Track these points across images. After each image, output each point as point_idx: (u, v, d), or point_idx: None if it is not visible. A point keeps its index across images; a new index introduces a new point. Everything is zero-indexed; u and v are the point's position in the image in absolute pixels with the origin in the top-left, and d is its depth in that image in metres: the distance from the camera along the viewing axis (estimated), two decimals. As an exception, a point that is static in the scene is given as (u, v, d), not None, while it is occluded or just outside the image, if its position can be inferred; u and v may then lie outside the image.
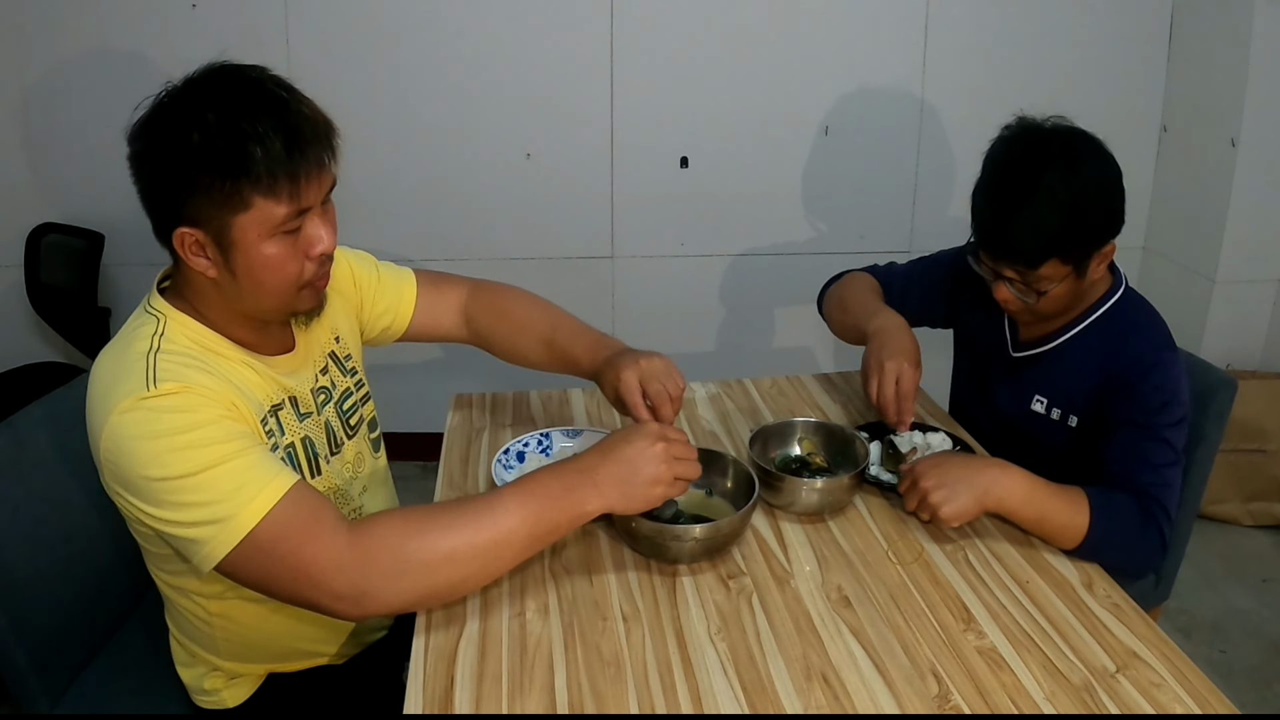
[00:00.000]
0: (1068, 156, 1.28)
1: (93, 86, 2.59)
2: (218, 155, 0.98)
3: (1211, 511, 2.64)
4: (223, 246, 1.03)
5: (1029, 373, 1.47)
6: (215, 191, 0.99)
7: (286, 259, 1.06)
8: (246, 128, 0.98)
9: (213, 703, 1.26)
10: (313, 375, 1.25)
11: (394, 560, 0.98)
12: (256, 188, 1.00)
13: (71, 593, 1.31)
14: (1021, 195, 1.27)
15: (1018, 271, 1.32)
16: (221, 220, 1.01)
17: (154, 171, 1.03)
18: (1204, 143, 2.65)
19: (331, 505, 1.02)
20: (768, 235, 2.86)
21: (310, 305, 1.14)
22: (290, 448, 1.17)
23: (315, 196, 1.05)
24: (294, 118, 1.01)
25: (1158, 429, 1.29)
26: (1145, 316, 1.38)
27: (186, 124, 0.99)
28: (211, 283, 1.08)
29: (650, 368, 1.27)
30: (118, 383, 1.00)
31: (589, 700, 1.00)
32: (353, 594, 0.98)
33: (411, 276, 1.46)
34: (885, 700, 1.00)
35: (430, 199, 2.74)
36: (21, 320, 2.73)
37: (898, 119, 2.77)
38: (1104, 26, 2.72)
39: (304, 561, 0.97)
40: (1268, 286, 2.67)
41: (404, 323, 1.45)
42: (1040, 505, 1.23)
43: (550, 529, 1.06)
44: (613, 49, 2.66)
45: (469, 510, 1.03)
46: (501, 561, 1.04)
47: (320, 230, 1.08)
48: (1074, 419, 1.41)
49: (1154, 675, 1.03)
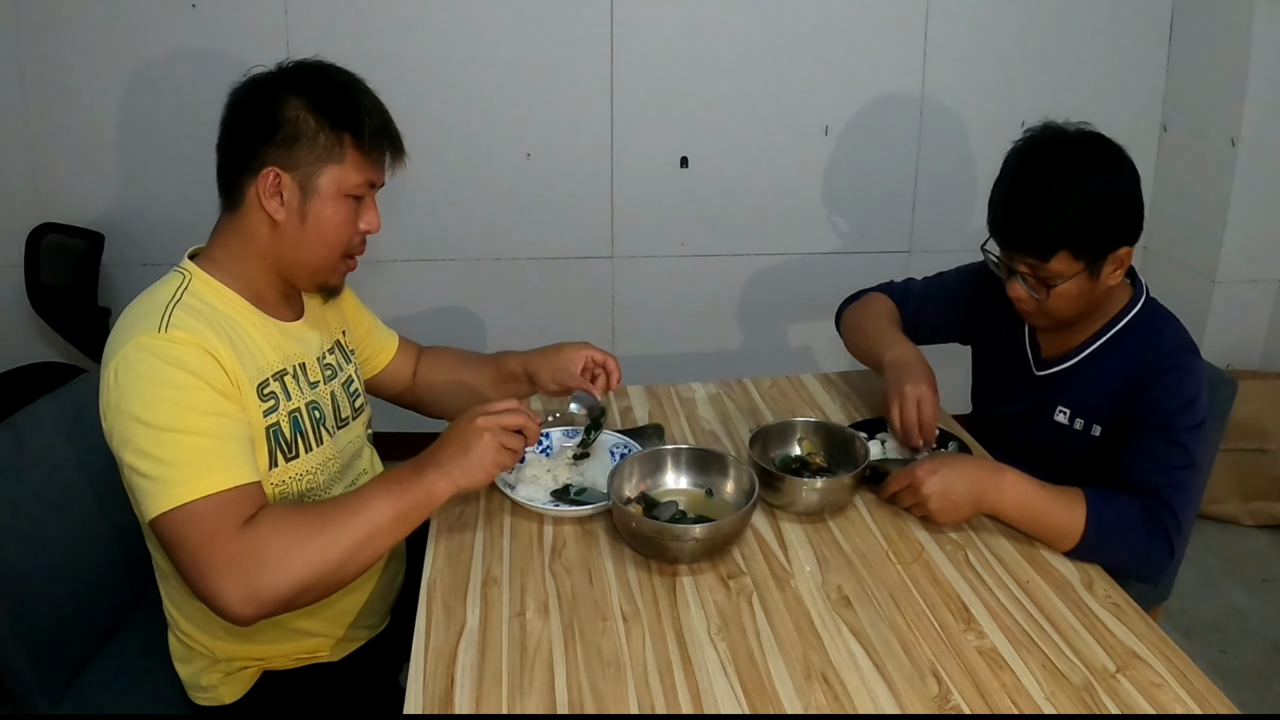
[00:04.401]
0: (1090, 156, 1.29)
1: (93, 86, 2.59)
2: (332, 110, 1.17)
3: (1211, 511, 2.64)
4: (305, 190, 1.17)
5: (1052, 387, 1.46)
6: (320, 139, 1.16)
7: (346, 221, 1.21)
8: (358, 100, 1.19)
9: (210, 699, 1.27)
10: (321, 348, 1.33)
11: (277, 559, 1.02)
12: (357, 146, 1.18)
13: (71, 593, 1.31)
14: (1040, 187, 1.28)
15: (1029, 265, 1.32)
16: (314, 167, 1.17)
17: (257, 116, 1.16)
18: (1204, 142, 2.65)
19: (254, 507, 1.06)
20: (768, 235, 2.86)
21: (339, 280, 1.29)
22: (296, 413, 1.22)
23: (382, 179, 1.24)
24: (386, 112, 1.24)
25: (1174, 431, 1.28)
26: (1165, 322, 1.39)
27: (302, 84, 1.17)
28: (269, 229, 1.19)
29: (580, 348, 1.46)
30: (135, 323, 1.10)
31: (589, 700, 1.00)
32: (240, 594, 1.01)
33: (396, 337, 1.60)
34: (885, 700, 1.00)
35: (430, 199, 2.74)
36: (21, 320, 2.72)
37: (898, 119, 2.77)
38: (1104, 26, 2.72)
39: (200, 557, 1.01)
40: (1268, 286, 2.67)
41: (378, 366, 1.55)
42: (1033, 508, 1.24)
43: (412, 512, 1.12)
44: (613, 49, 2.66)
45: (343, 507, 1.09)
46: (375, 546, 1.09)
47: (372, 209, 1.25)
48: (1097, 428, 1.40)
49: (1154, 675, 1.03)
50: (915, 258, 2.89)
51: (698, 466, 1.36)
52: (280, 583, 1.02)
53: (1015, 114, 2.41)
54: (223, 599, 1.00)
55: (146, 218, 2.66)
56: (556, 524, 1.32)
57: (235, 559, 1.01)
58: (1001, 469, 1.27)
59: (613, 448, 1.47)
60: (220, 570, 1.00)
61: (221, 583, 1.00)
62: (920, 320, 1.65)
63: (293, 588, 1.02)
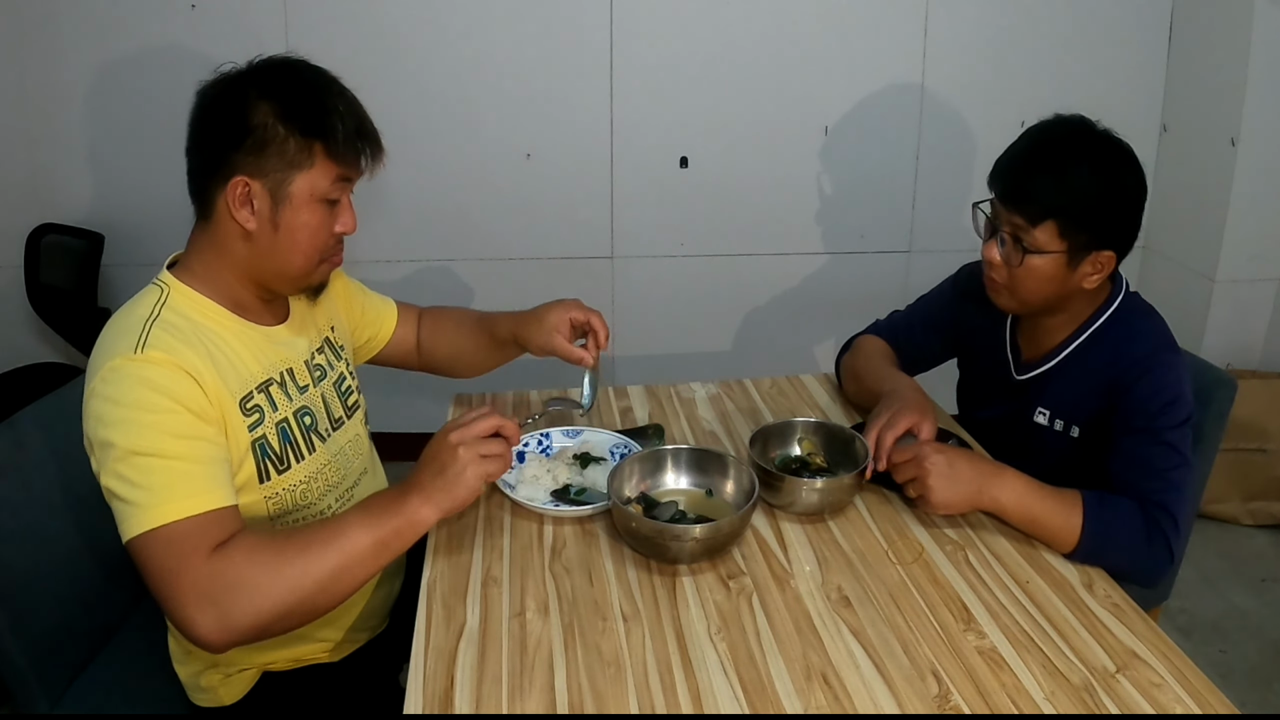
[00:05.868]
0: (1111, 151, 1.30)
1: (93, 87, 2.59)
2: (301, 115, 1.12)
3: (1211, 511, 2.64)
4: (276, 199, 1.14)
5: (1032, 390, 1.46)
6: (289, 146, 1.12)
7: (321, 226, 1.18)
8: (328, 103, 1.15)
9: (209, 700, 1.27)
10: (308, 350, 1.31)
11: (249, 589, 1.00)
12: (328, 152, 1.14)
13: (71, 593, 1.31)
14: (1053, 153, 1.29)
15: (1015, 225, 1.31)
16: (283, 174, 1.13)
17: (223, 122, 1.12)
18: (1204, 142, 2.65)
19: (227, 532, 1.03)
20: (767, 235, 2.86)
21: (320, 280, 1.25)
22: (284, 423, 1.20)
23: (357, 175, 1.20)
24: (362, 112, 1.20)
25: (1160, 432, 1.27)
26: (1144, 319, 1.37)
27: (270, 87, 1.12)
28: (242, 239, 1.16)
29: (565, 307, 1.45)
30: (113, 343, 1.09)
31: (589, 700, 1.00)
32: (211, 622, 0.99)
33: (393, 302, 1.58)
34: (885, 700, 1.00)
35: (430, 199, 2.74)
36: (21, 320, 2.72)
37: (898, 119, 2.77)
38: (1104, 26, 2.72)
39: (171, 583, 0.99)
40: (1268, 286, 2.67)
41: (384, 339, 1.55)
42: (1031, 507, 1.25)
43: (393, 540, 1.07)
44: (613, 49, 2.66)
45: (319, 534, 1.05)
46: (352, 577, 1.05)
47: (348, 211, 1.21)
48: (1075, 429, 1.40)
49: (1154, 675, 1.03)
50: (915, 258, 2.89)
51: (698, 466, 1.36)
52: (252, 611, 0.99)
53: (1015, 114, 2.40)
54: (194, 626, 0.98)
55: (146, 218, 2.66)
56: (556, 524, 1.32)
57: (206, 586, 0.99)
58: (1004, 467, 1.28)
59: (613, 448, 1.47)
60: (191, 597, 0.98)
61: (192, 610, 0.98)
62: (914, 347, 1.65)
63: (265, 617, 1.00)
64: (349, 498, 1.32)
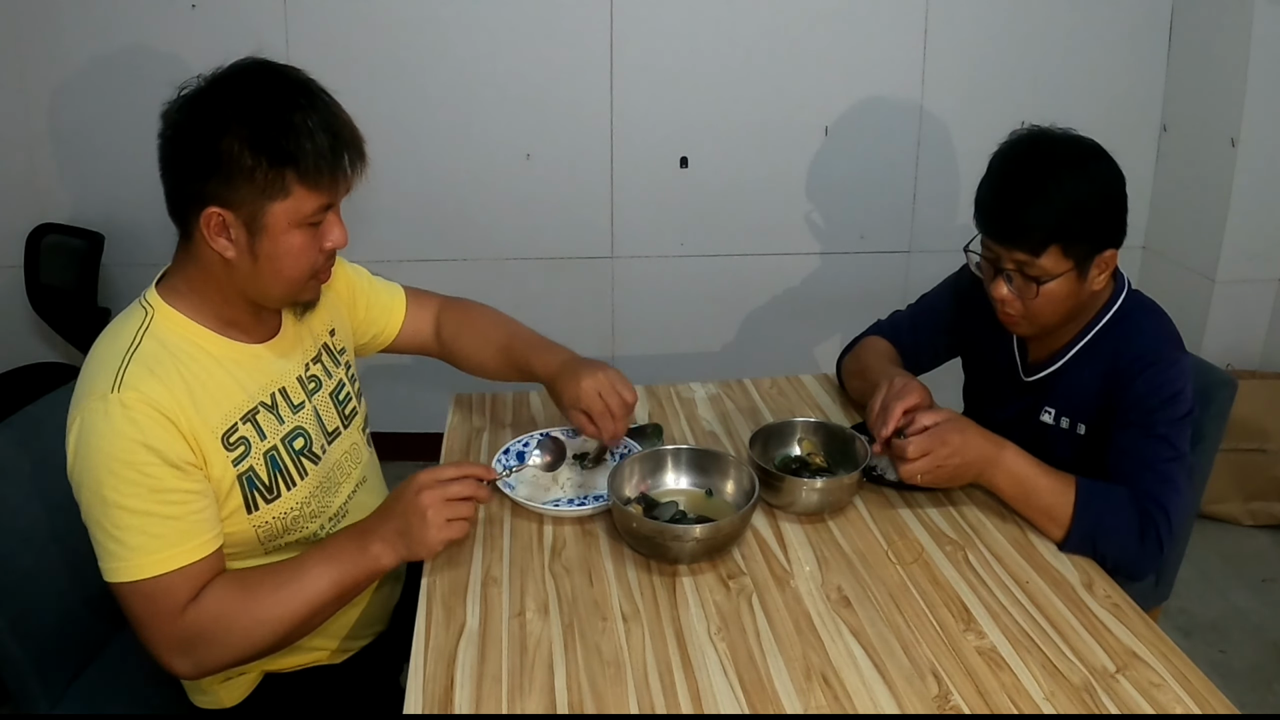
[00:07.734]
0: (1078, 157, 1.29)
1: (93, 87, 2.59)
2: (269, 143, 1.03)
3: (1211, 511, 2.64)
4: (252, 230, 1.07)
5: (1039, 390, 1.46)
6: (258, 176, 1.04)
7: (305, 249, 1.11)
8: (298, 121, 1.04)
9: (210, 702, 1.27)
10: (302, 363, 1.27)
11: (221, 636, 1.09)
12: (301, 179, 1.05)
13: (72, 593, 1.30)
14: (1031, 183, 1.28)
15: (1018, 261, 1.31)
16: (257, 205, 1.06)
17: (191, 151, 1.06)
18: (1204, 142, 2.65)
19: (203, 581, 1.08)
20: (767, 235, 2.86)
21: (312, 296, 1.20)
22: (272, 452, 1.18)
23: (342, 195, 1.12)
24: (337, 120, 1.09)
25: (1155, 426, 1.28)
26: (1147, 316, 1.38)
27: (236, 110, 1.04)
28: (222, 264, 1.11)
29: (596, 383, 1.33)
30: (95, 375, 1.07)
31: (589, 700, 1.00)
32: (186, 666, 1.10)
33: (401, 290, 1.52)
34: (885, 700, 1.00)
35: (430, 199, 2.74)
36: (21, 320, 2.72)
37: (898, 119, 2.77)
38: (1104, 26, 2.72)
39: (146, 633, 1.08)
40: (1268, 286, 2.67)
41: (392, 333, 1.50)
42: (1025, 481, 1.27)
43: (353, 586, 1.14)
44: (612, 49, 2.66)
45: (282, 579, 1.11)
46: (315, 618, 1.14)
47: (336, 226, 1.14)
48: (1082, 427, 1.40)
49: (1154, 675, 1.03)
50: (915, 258, 2.89)
51: (698, 466, 1.36)
52: (224, 656, 1.10)
53: (1015, 113, 2.39)
54: (170, 667, 1.09)
55: (146, 218, 2.65)
56: (556, 524, 1.32)
57: (179, 639, 1.07)
58: (1006, 441, 1.30)
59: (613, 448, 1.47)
60: (164, 647, 1.07)
61: (167, 657, 1.08)
62: (918, 346, 1.65)
63: (236, 659, 1.12)
64: (342, 515, 1.29)
